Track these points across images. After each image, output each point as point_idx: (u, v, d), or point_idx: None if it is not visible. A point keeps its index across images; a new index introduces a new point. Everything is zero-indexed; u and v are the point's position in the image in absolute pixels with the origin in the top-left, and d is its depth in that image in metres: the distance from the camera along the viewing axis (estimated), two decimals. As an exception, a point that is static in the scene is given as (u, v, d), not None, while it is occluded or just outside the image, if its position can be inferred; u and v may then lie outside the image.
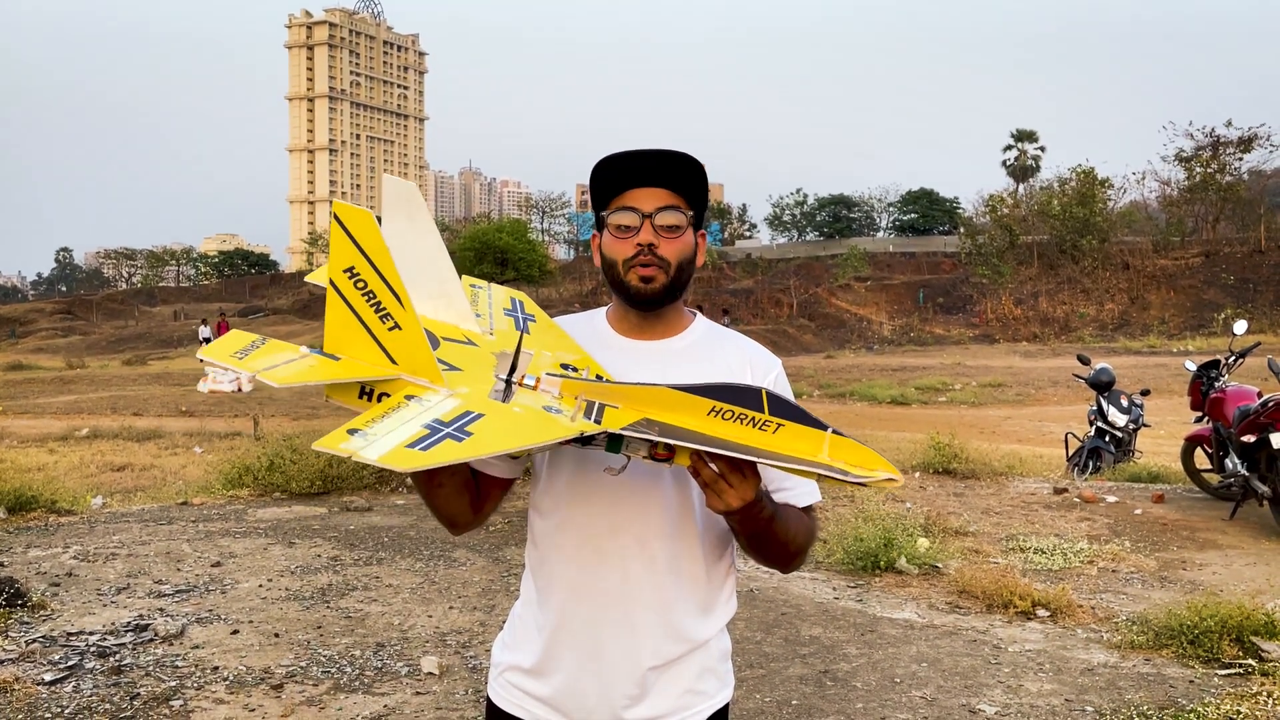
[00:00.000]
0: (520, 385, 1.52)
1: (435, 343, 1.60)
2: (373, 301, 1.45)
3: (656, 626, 1.71)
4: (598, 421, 1.48)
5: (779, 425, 1.46)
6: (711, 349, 1.79)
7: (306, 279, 1.84)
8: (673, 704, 1.73)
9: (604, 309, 1.86)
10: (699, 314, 1.85)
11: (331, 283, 1.47)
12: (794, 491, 1.77)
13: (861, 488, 1.52)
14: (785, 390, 1.79)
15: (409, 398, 1.45)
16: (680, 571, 1.72)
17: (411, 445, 1.32)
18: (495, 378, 1.53)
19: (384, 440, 1.32)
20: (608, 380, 1.58)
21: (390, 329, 1.47)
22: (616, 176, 1.70)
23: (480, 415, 1.42)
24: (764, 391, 1.46)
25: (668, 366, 1.72)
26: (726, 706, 1.82)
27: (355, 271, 1.44)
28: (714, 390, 1.47)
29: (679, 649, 1.73)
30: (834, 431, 1.46)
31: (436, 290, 1.67)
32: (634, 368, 1.70)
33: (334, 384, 1.50)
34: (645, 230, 1.68)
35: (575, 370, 1.62)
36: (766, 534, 1.65)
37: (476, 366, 1.58)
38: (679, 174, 1.70)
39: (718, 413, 1.47)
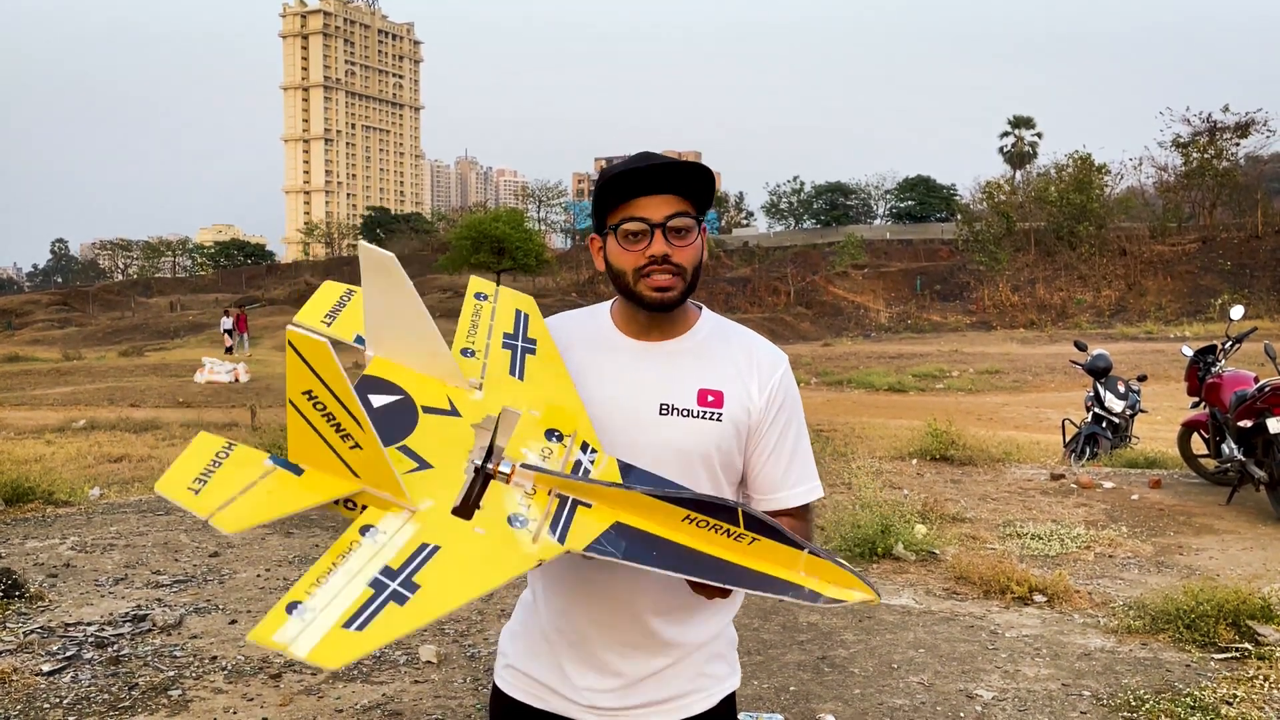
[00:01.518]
0: (495, 475, 1.50)
1: (413, 417, 1.59)
2: (332, 423, 1.43)
3: (664, 619, 1.72)
4: (566, 526, 1.46)
5: (754, 539, 1.44)
6: (717, 348, 1.78)
7: (294, 319, 1.82)
8: (683, 687, 1.75)
9: (608, 305, 1.84)
10: (704, 309, 1.84)
11: (291, 403, 1.46)
12: (791, 493, 1.77)
13: (864, 605, 1.55)
14: (790, 391, 1.80)
15: (364, 530, 1.42)
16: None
17: (348, 623, 1.27)
18: (469, 464, 1.52)
19: (320, 620, 1.27)
20: (593, 451, 1.59)
21: (351, 448, 1.44)
22: (624, 185, 1.67)
23: (435, 549, 1.39)
24: (740, 509, 1.43)
25: (673, 367, 1.73)
26: (734, 693, 1.83)
27: (313, 394, 1.42)
28: (691, 501, 1.45)
29: (691, 637, 1.74)
30: (811, 551, 1.44)
31: (419, 348, 1.65)
32: (642, 371, 1.72)
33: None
34: (658, 241, 1.66)
35: (561, 437, 1.60)
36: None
37: (450, 454, 1.55)
38: (686, 180, 1.68)
39: (691, 521, 1.45)
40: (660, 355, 1.75)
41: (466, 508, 1.47)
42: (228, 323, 36.08)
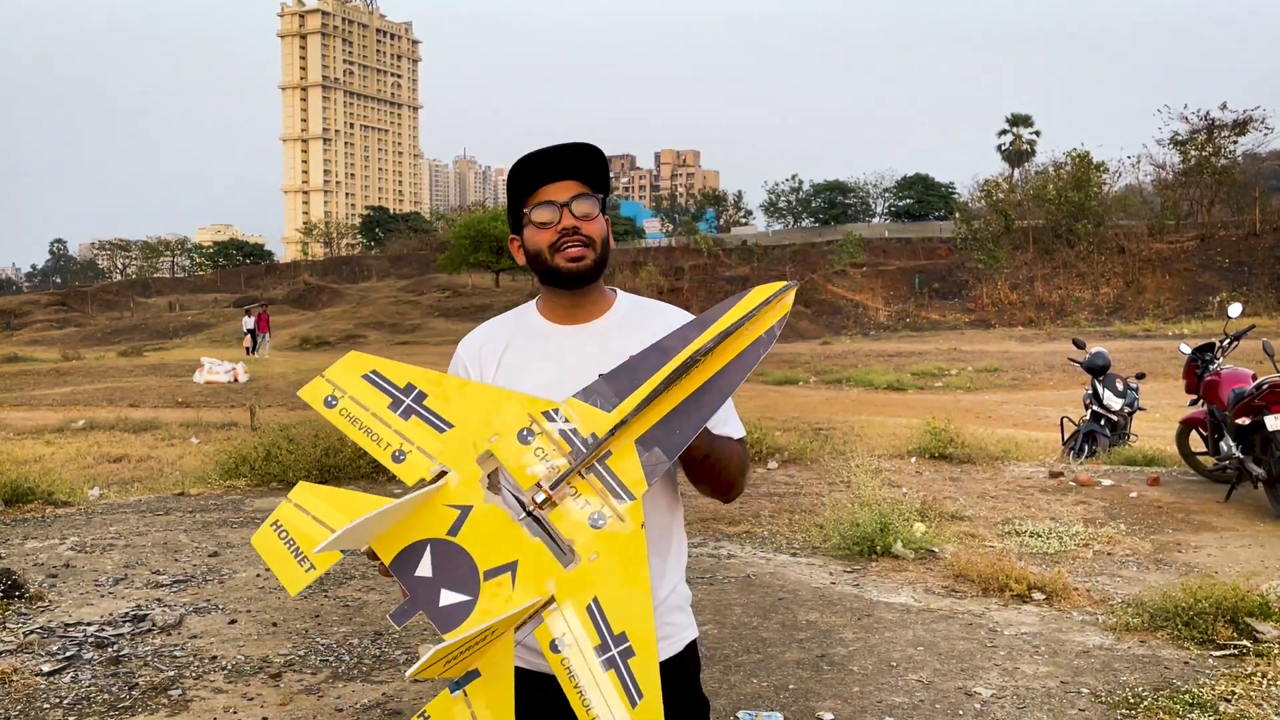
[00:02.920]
0: (541, 508, 1.58)
1: (450, 545, 1.61)
2: (472, 646, 1.52)
3: None
4: (616, 481, 1.60)
5: (708, 353, 1.63)
6: (639, 321, 1.93)
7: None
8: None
9: (532, 303, 2.00)
10: (619, 291, 2.00)
11: (446, 675, 1.53)
12: (727, 426, 1.92)
13: (788, 294, 1.74)
14: None
15: (553, 646, 1.55)
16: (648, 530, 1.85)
17: (633, 702, 1.48)
18: (523, 527, 1.59)
19: (619, 716, 1.48)
20: (563, 416, 1.65)
21: (494, 635, 1.55)
22: (528, 176, 1.86)
23: (595, 599, 1.55)
24: (694, 356, 1.61)
25: (605, 343, 1.87)
26: (695, 640, 1.99)
27: (452, 657, 1.50)
28: (662, 381, 1.61)
29: (658, 591, 1.87)
30: (740, 322, 1.65)
31: (396, 516, 1.61)
32: (575, 350, 1.87)
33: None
34: (565, 217, 1.85)
35: (530, 432, 1.65)
36: (715, 458, 1.79)
37: (510, 540, 1.59)
38: (583, 164, 1.86)
39: (671, 385, 1.61)
40: (590, 334, 1.91)
41: (564, 554, 1.57)
42: (249, 322, 34.84)
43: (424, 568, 1.59)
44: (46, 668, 4.36)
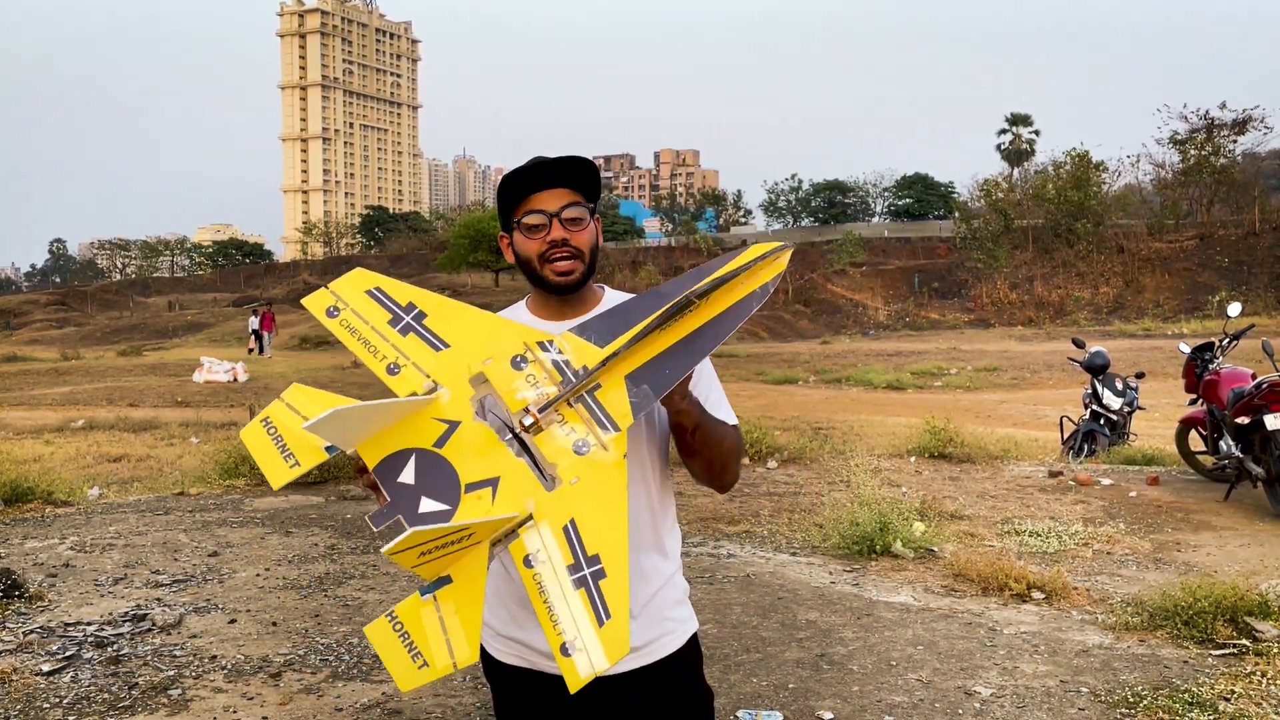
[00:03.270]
0: (532, 431, 1.62)
1: (437, 457, 1.63)
2: (446, 545, 1.53)
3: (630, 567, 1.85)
4: (603, 411, 1.63)
5: (703, 299, 1.68)
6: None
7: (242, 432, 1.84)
8: (653, 632, 1.92)
9: (523, 301, 2.05)
10: (607, 288, 2.05)
11: (415, 567, 1.55)
12: (718, 412, 1.97)
13: (782, 255, 1.77)
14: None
15: (527, 562, 1.55)
16: (638, 515, 1.89)
17: (600, 621, 1.49)
18: (508, 446, 1.63)
19: (586, 636, 1.49)
20: (555, 348, 1.71)
21: (469, 538, 1.54)
22: (521, 184, 1.88)
23: (573, 521, 1.56)
24: (689, 296, 1.66)
25: None
26: (696, 633, 2.02)
27: (425, 551, 1.53)
28: (655, 318, 1.65)
29: (650, 586, 1.92)
30: (737, 273, 1.69)
31: (386, 417, 1.65)
32: None
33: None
34: (555, 228, 1.88)
35: (524, 359, 1.70)
36: (707, 432, 1.84)
37: (496, 458, 1.63)
38: (574, 174, 1.89)
39: (663, 328, 1.66)
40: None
41: (546, 478, 1.60)
42: (255, 322, 34.42)
43: (407, 475, 1.62)
44: (46, 667, 4.37)
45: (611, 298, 2.03)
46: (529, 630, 1.89)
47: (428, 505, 1.60)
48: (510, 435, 1.64)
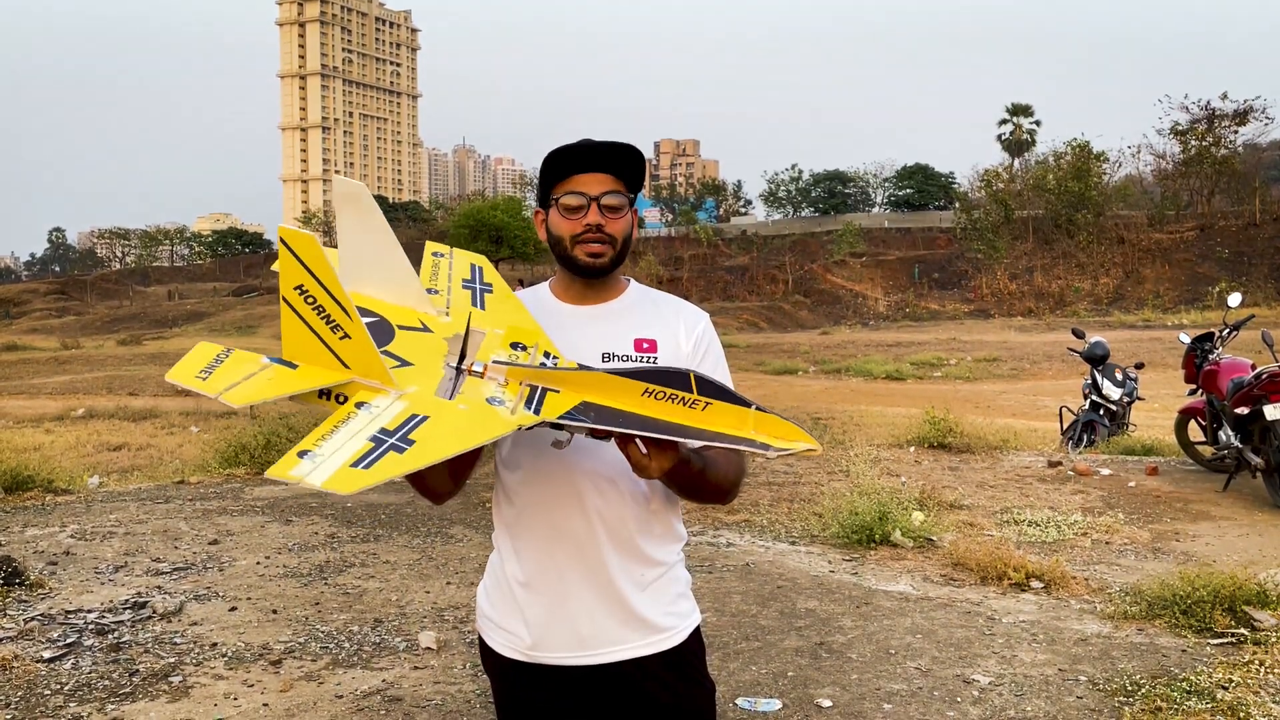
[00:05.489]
0: (469, 373, 1.65)
1: (391, 332, 1.71)
2: (322, 315, 1.56)
3: (629, 557, 1.89)
4: (538, 408, 1.60)
5: (707, 404, 1.58)
6: (647, 308, 1.99)
7: (272, 267, 1.89)
8: (656, 624, 1.91)
9: (548, 282, 2.05)
10: (632, 280, 2.05)
11: (284, 299, 1.58)
12: None
13: (807, 454, 1.62)
14: (713, 340, 2.00)
15: (359, 405, 1.55)
16: (640, 503, 1.89)
17: (355, 464, 1.41)
18: (445, 366, 1.66)
19: (330, 461, 1.41)
20: (555, 358, 1.74)
21: (341, 338, 1.57)
22: (565, 163, 1.87)
23: (424, 418, 1.52)
24: (692, 374, 1.59)
25: (610, 325, 1.93)
26: (699, 627, 2.02)
27: (304, 289, 1.55)
28: (647, 374, 1.60)
29: (653, 574, 1.92)
30: (758, 408, 1.58)
31: (391, 278, 1.78)
32: (582, 329, 1.91)
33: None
34: (592, 212, 1.87)
35: (525, 348, 1.75)
36: (697, 484, 1.81)
37: (428, 357, 1.69)
38: (620, 161, 1.88)
39: (650, 394, 1.59)
40: (598, 314, 1.95)
41: (444, 394, 1.62)
42: None
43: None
44: (47, 654, 4.38)
45: (635, 290, 2.02)
46: (521, 620, 1.90)
47: None
48: (455, 367, 1.67)
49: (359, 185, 1.68)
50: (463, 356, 1.68)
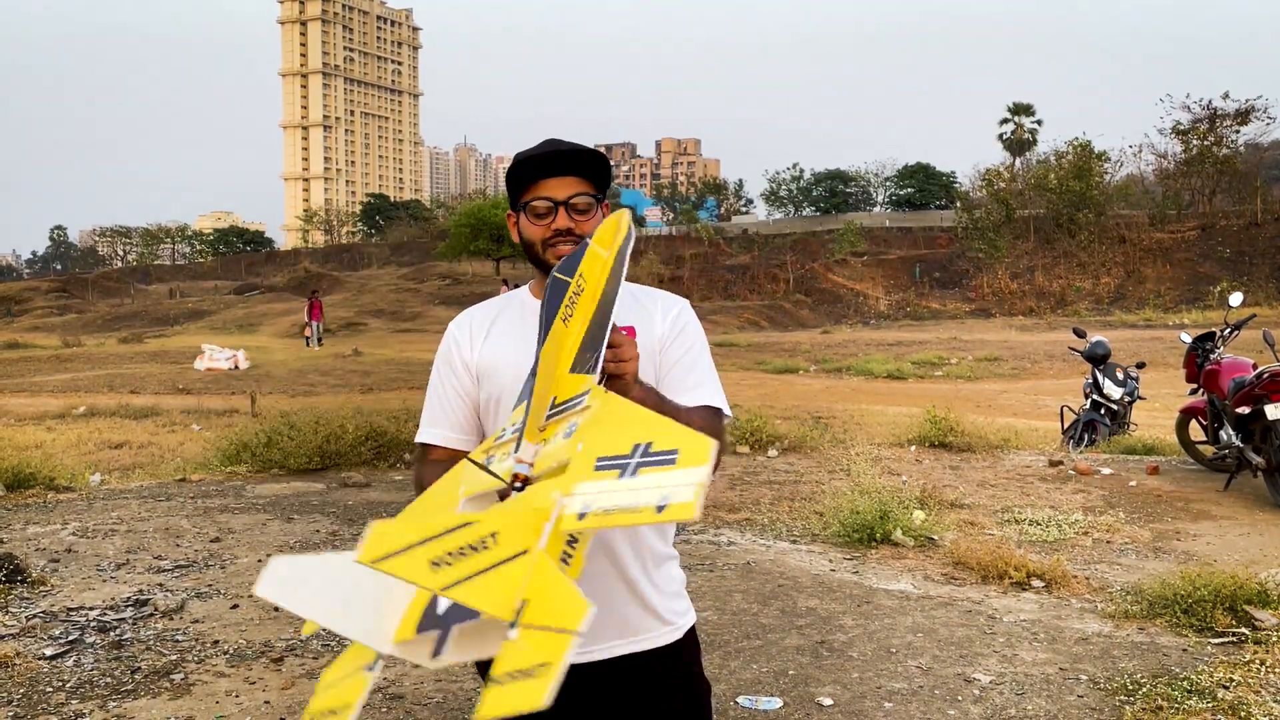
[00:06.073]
0: (520, 482, 1.46)
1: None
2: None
3: (630, 551, 1.91)
4: (559, 404, 1.53)
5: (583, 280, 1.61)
6: (624, 299, 1.97)
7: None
8: (650, 624, 1.93)
9: (525, 286, 2.10)
10: None
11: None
12: (692, 394, 1.94)
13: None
14: (690, 321, 2.02)
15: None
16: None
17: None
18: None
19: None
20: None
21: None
22: (531, 169, 1.91)
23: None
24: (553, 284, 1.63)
25: None
26: (694, 626, 2.02)
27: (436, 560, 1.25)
28: (553, 319, 1.60)
29: (652, 568, 1.94)
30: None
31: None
32: None
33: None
34: (561, 216, 1.90)
35: (491, 458, 1.58)
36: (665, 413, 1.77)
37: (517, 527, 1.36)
38: (585, 163, 1.92)
39: (565, 318, 1.60)
40: None
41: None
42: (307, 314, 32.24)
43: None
44: (49, 652, 4.38)
45: None
46: None
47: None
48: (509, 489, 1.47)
49: (277, 566, 1.40)
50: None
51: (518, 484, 1.46)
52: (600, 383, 1.56)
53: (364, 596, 1.34)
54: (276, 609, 5.00)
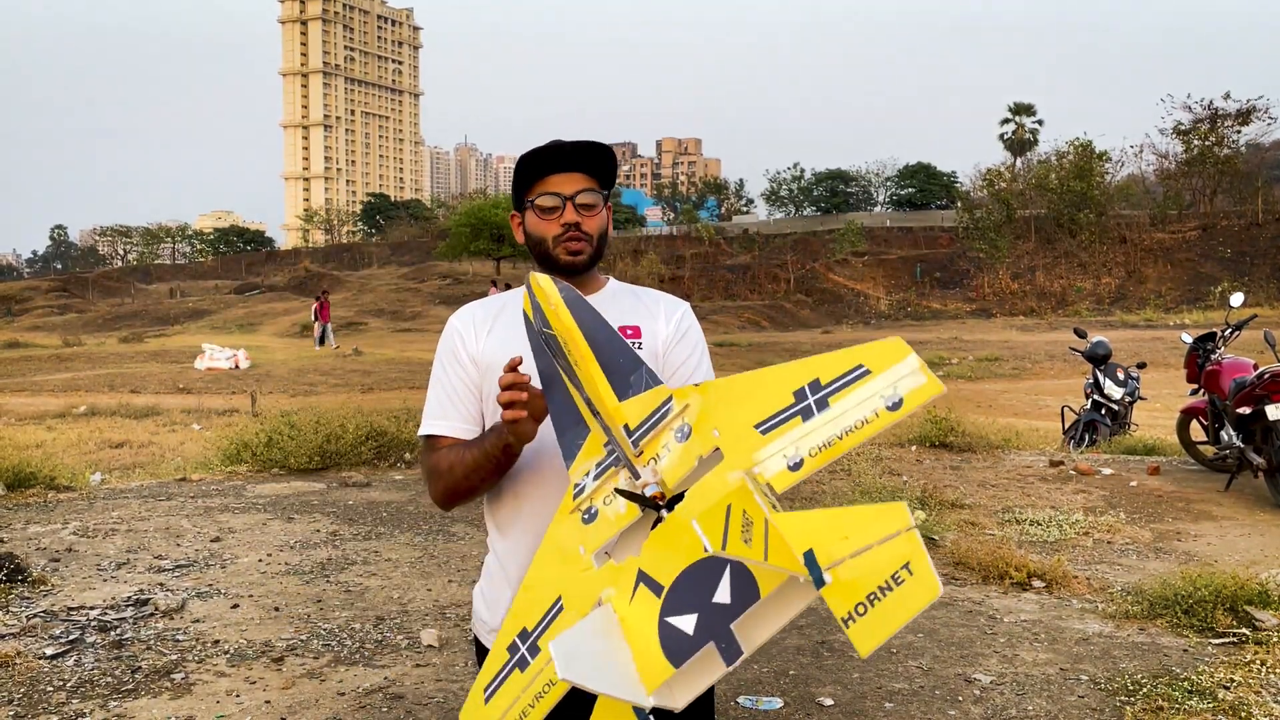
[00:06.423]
0: (662, 501, 1.43)
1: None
2: None
3: None
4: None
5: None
6: (628, 299, 2.05)
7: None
8: None
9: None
10: (611, 277, 2.11)
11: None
12: (695, 375, 1.98)
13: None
14: (693, 325, 2.04)
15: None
16: None
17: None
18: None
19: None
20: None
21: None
22: (538, 165, 1.92)
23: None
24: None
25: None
26: None
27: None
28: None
29: None
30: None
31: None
32: None
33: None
34: (569, 211, 1.92)
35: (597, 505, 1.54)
36: None
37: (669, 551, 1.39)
38: (592, 159, 1.93)
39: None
40: None
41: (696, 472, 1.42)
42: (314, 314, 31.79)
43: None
44: (49, 651, 4.38)
45: (614, 287, 2.07)
46: None
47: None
48: (657, 518, 1.42)
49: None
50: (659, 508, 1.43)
51: (662, 502, 1.41)
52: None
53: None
54: (277, 609, 5.00)
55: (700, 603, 1.29)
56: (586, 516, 1.52)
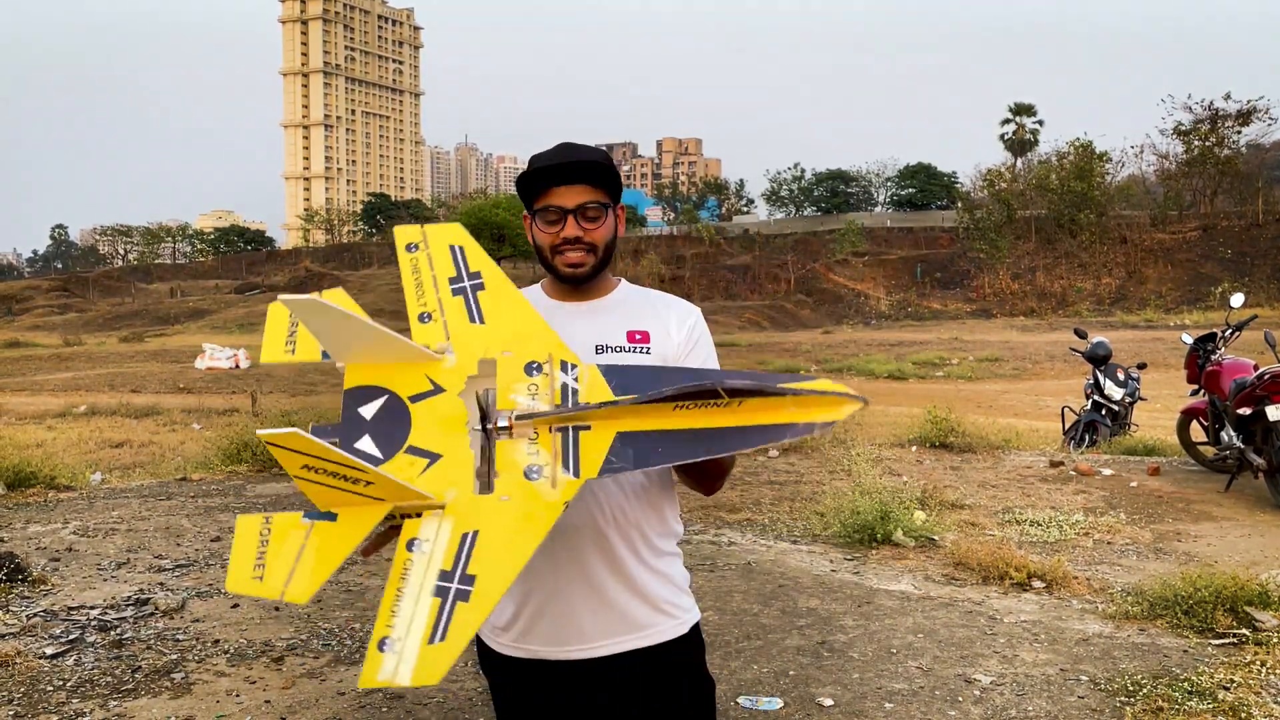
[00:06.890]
0: (498, 432, 1.61)
1: (405, 415, 1.66)
2: (338, 478, 1.51)
3: (629, 549, 1.90)
4: (575, 457, 1.58)
5: (740, 401, 1.57)
6: (639, 303, 2.03)
7: (261, 359, 1.96)
8: (653, 618, 1.93)
9: (541, 283, 2.11)
10: (623, 280, 2.10)
11: (296, 477, 1.53)
12: None
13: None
14: (705, 333, 2.03)
15: (410, 544, 1.52)
16: (639, 493, 1.91)
17: (431, 638, 1.40)
18: (471, 432, 1.63)
19: (409, 645, 1.40)
20: (574, 367, 1.69)
21: (365, 485, 1.52)
22: (541, 178, 1.92)
23: (475, 534, 1.50)
24: (719, 386, 1.56)
25: (600, 320, 1.97)
26: (699, 622, 2.02)
27: (310, 466, 1.50)
28: (675, 396, 1.57)
29: (653, 565, 1.94)
30: (793, 393, 1.56)
31: (381, 349, 1.72)
32: (575, 323, 1.92)
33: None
34: (569, 225, 1.91)
35: (540, 367, 1.69)
36: (711, 467, 1.84)
37: (452, 435, 1.63)
38: (593, 171, 1.93)
39: (681, 408, 1.58)
40: (590, 310, 1.99)
41: (487, 480, 1.57)
42: None
43: (368, 410, 1.66)
44: (50, 650, 4.38)
45: (626, 287, 2.07)
46: (520, 617, 1.92)
47: (365, 445, 1.62)
48: (480, 428, 1.63)
49: (309, 299, 1.59)
50: (484, 416, 1.64)
51: (492, 422, 1.63)
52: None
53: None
54: (277, 608, 5.00)
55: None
56: (532, 366, 1.70)
